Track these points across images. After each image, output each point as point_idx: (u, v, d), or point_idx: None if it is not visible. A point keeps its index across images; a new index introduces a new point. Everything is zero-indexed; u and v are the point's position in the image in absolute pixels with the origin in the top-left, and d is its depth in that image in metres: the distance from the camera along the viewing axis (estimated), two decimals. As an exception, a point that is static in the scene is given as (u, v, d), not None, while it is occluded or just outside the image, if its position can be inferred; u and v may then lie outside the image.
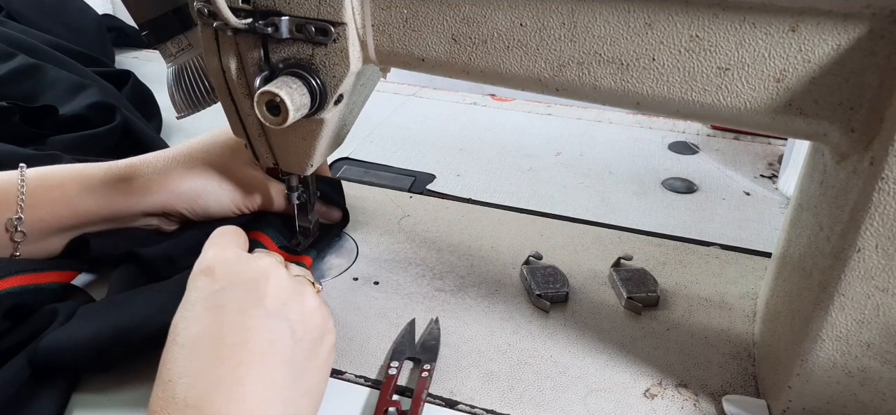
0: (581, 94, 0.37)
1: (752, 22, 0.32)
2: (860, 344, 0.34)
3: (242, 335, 0.33)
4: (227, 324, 0.33)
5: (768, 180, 0.69)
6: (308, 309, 0.37)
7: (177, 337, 0.33)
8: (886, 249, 0.31)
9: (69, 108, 0.69)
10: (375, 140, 0.77)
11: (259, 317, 0.34)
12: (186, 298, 0.35)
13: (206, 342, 0.33)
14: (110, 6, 1.24)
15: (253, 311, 0.34)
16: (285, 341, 0.34)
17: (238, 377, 0.32)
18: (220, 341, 0.33)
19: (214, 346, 0.32)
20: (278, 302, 0.35)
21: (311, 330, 0.37)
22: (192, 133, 0.73)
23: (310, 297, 0.37)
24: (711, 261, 0.55)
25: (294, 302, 0.36)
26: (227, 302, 0.34)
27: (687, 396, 0.42)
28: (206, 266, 0.36)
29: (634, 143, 0.77)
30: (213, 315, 0.34)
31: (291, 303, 0.36)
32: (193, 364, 0.32)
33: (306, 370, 0.36)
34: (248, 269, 0.36)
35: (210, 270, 0.36)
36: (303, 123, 0.43)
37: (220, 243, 0.39)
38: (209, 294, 0.35)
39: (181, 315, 0.34)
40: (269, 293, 0.35)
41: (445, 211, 0.62)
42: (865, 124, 0.31)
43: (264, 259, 0.37)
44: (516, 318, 0.48)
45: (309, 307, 0.37)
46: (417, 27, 0.39)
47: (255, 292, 0.35)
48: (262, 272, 0.36)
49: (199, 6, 0.40)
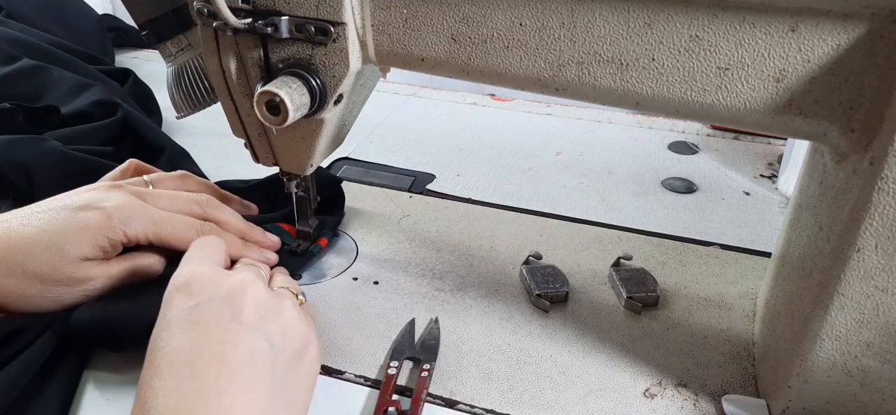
0: (581, 95, 0.37)
1: (752, 22, 0.32)
2: (860, 344, 0.34)
3: (220, 349, 0.32)
4: (203, 339, 0.33)
5: (768, 180, 0.69)
6: (288, 321, 0.36)
7: (154, 356, 0.32)
8: (886, 249, 0.31)
9: (72, 106, 0.69)
10: (375, 140, 0.77)
11: (236, 330, 0.33)
12: (162, 315, 0.34)
13: (182, 358, 0.32)
14: (110, 6, 1.24)
15: (230, 325, 0.34)
16: (265, 353, 0.34)
17: (217, 390, 0.31)
18: (198, 356, 0.32)
19: (191, 361, 0.32)
20: (256, 315, 0.35)
21: (292, 341, 0.36)
22: (192, 133, 0.74)
23: (289, 309, 0.37)
24: (711, 261, 0.55)
25: (272, 315, 0.36)
26: (204, 317, 0.34)
27: (687, 395, 0.42)
28: (182, 282, 0.36)
29: (634, 143, 0.77)
30: (189, 331, 0.33)
31: (270, 316, 0.35)
32: (170, 381, 0.31)
33: (289, 381, 0.35)
34: (225, 284, 0.36)
35: (186, 286, 0.35)
36: (303, 123, 0.43)
37: (197, 258, 0.38)
38: (185, 310, 0.34)
39: (158, 333, 0.34)
40: (246, 307, 0.35)
41: (445, 211, 0.62)
42: (865, 124, 0.31)
43: (241, 273, 0.37)
44: (516, 318, 0.48)
45: (289, 320, 0.36)
46: (417, 27, 0.39)
47: (231, 306, 0.34)
48: (238, 286, 0.35)
49: (199, 6, 0.40)
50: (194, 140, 0.70)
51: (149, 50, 1.04)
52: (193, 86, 0.49)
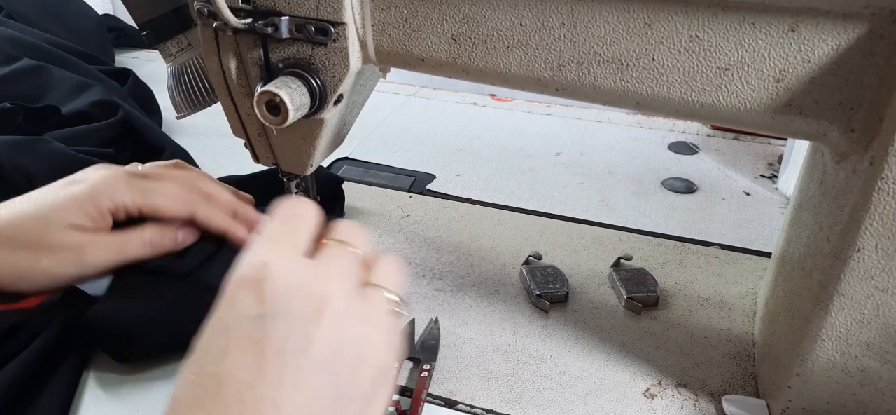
0: (581, 95, 0.37)
1: (752, 22, 0.32)
2: (860, 344, 0.34)
3: (275, 393, 0.26)
4: (259, 371, 0.26)
5: (768, 180, 0.69)
6: (367, 356, 0.29)
7: (203, 367, 0.27)
8: (886, 249, 0.31)
9: (73, 106, 0.69)
10: (375, 140, 0.77)
11: (300, 368, 0.27)
12: (222, 312, 0.28)
13: (233, 392, 0.26)
14: (110, 6, 1.24)
15: (295, 359, 0.27)
16: (326, 400, 0.27)
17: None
18: (249, 394, 0.26)
19: (242, 399, 0.26)
20: (329, 351, 0.28)
21: (363, 384, 0.29)
22: (192, 133, 0.74)
23: (373, 335, 0.29)
24: (711, 261, 0.55)
25: (349, 350, 0.28)
26: (268, 339, 0.27)
27: (687, 396, 0.42)
28: (254, 275, 0.28)
29: (634, 143, 0.77)
30: (247, 353, 0.27)
31: (346, 351, 0.28)
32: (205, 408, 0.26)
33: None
34: (303, 296, 0.28)
35: (256, 283, 0.28)
36: (303, 123, 0.43)
37: (278, 237, 0.30)
38: (249, 320, 0.27)
39: (211, 336, 0.27)
40: (320, 338, 0.27)
41: (445, 211, 0.62)
42: (865, 124, 0.31)
43: (326, 279, 0.29)
44: (516, 318, 0.48)
45: (369, 352, 0.29)
46: (417, 27, 0.39)
47: (303, 332, 0.27)
48: (318, 303, 0.28)
49: (199, 6, 0.40)
50: (194, 140, 0.70)
51: (149, 50, 1.04)
52: (193, 86, 0.49)
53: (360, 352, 0.29)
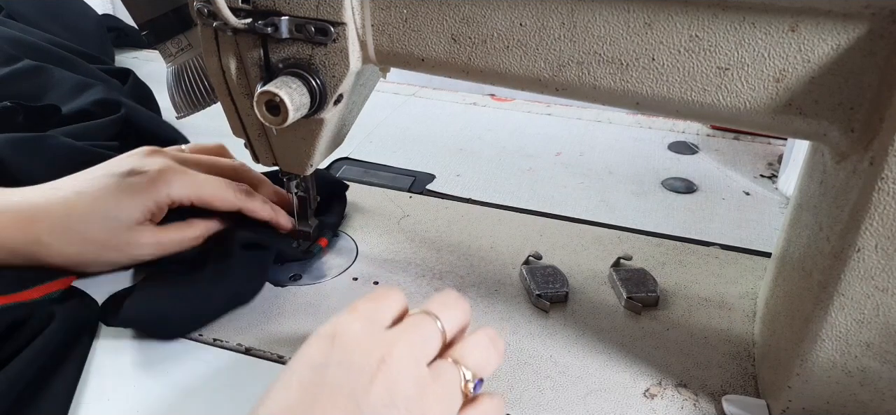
0: (581, 95, 0.37)
1: (752, 22, 0.32)
2: (860, 344, 0.34)
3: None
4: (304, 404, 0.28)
5: (768, 180, 0.69)
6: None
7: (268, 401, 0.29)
8: (886, 249, 0.31)
9: (74, 105, 0.69)
10: (375, 140, 0.77)
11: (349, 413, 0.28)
12: (301, 352, 0.30)
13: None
14: (110, 6, 1.24)
15: (347, 404, 0.28)
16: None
17: None
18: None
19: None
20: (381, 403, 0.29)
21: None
22: (192, 133, 0.74)
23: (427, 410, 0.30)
24: (711, 261, 0.55)
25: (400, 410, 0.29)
26: (327, 384, 0.29)
27: (687, 396, 0.42)
28: (329, 331, 0.31)
29: (634, 143, 0.77)
30: (306, 393, 0.29)
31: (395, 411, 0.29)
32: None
33: None
34: (367, 349, 0.30)
35: (330, 337, 0.31)
36: (303, 123, 0.43)
37: (360, 307, 0.33)
38: (314, 367, 0.30)
39: (285, 371, 0.30)
40: (376, 389, 0.29)
41: (445, 211, 0.62)
42: (865, 124, 0.31)
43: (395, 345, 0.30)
44: (516, 318, 0.48)
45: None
46: (417, 27, 0.39)
47: (360, 382, 0.29)
48: (380, 357, 0.30)
49: (199, 6, 0.40)
50: (194, 140, 0.70)
51: (149, 50, 1.04)
52: (193, 86, 0.49)
53: (408, 412, 0.29)
